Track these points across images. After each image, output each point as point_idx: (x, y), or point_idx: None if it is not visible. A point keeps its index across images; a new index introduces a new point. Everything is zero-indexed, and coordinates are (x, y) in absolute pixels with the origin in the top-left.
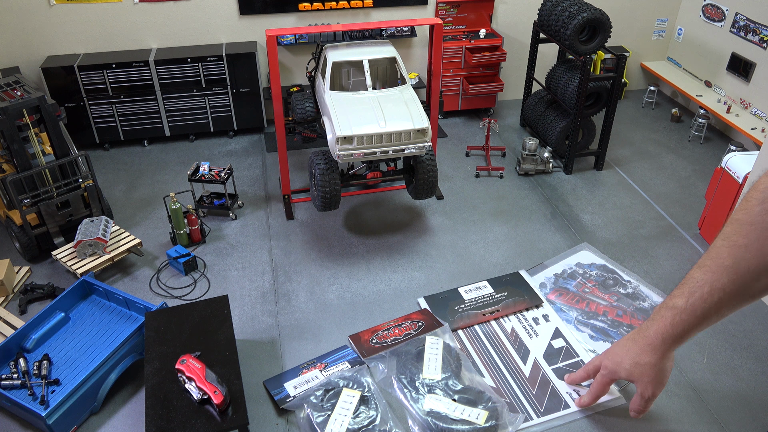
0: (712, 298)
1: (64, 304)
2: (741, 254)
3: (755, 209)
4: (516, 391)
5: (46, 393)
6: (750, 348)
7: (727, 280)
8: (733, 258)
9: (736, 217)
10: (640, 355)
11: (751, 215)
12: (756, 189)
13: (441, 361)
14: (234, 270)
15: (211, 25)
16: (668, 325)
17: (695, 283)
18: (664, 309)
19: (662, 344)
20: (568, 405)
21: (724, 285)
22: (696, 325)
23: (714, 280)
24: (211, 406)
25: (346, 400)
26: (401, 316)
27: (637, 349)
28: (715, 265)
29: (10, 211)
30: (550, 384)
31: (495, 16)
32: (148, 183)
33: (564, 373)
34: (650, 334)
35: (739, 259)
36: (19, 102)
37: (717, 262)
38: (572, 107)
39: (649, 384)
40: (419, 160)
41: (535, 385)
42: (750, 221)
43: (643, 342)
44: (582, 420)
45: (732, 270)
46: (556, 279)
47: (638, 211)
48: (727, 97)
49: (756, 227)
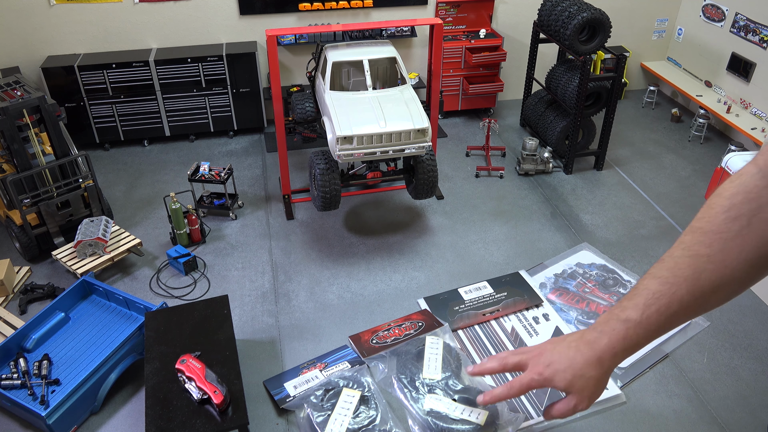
0: (669, 311)
1: (64, 304)
2: (703, 265)
3: (720, 217)
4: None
5: (46, 393)
6: (750, 348)
7: (686, 292)
8: (693, 269)
9: (698, 225)
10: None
11: (715, 224)
12: (720, 196)
13: (441, 361)
14: (234, 270)
15: (211, 25)
16: (621, 340)
17: (651, 295)
18: (614, 321)
19: (612, 359)
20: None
21: (682, 297)
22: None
23: (672, 293)
24: (211, 406)
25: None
26: (401, 317)
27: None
28: (673, 276)
29: (10, 211)
30: None
31: (495, 16)
32: (148, 183)
33: None
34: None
35: (701, 270)
36: (19, 102)
37: (676, 273)
38: (572, 107)
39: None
40: (419, 160)
41: None
42: (714, 230)
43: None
44: (582, 420)
45: (692, 281)
46: (556, 279)
47: (638, 211)
48: (727, 97)
49: (721, 236)
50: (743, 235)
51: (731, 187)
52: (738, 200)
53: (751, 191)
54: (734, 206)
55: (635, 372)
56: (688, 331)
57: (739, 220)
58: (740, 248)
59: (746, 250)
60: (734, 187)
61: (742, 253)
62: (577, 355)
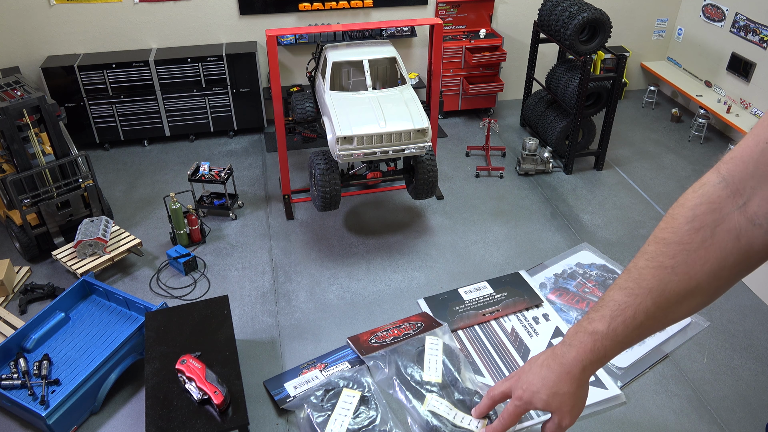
0: (635, 322)
1: (64, 304)
2: (667, 276)
3: (683, 228)
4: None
5: (46, 393)
6: (750, 348)
7: (651, 303)
8: (658, 280)
9: (661, 236)
10: (557, 385)
11: (678, 234)
12: (683, 206)
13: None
14: (234, 270)
15: (211, 25)
16: (588, 352)
17: (617, 306)
18: (582, 334)
19: (581, 372)
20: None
21: (648, 308)
22: (616, 351)
23: (638, 303)
24: (211, 406)
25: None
26: (399, 319)
27: (554, 378)
28: (638, 287)
29: (10, 211)
30: None
31: (495, 16)
32: (148, 183)
33: None
34: (569, 362)
35: (666, 281)
36: (19, 102)
37: (640, 284)
38: (572, 107)
39: (568, 414)
40: (419, 160)
41: None
42: (678, 241)
43: (560, 370)
44: (582, 420)
45: (657, 292)
46: (556, 279)
47: (638, 211)
48: (727, 97)
49: (684, 248)
50: (706, 246)
51: (694, 197)
52: (701, 211)
53: (714, 201)
54: (697, 217)
55: (635, 372)
56: (688, 331)
57: (702, 231)
58: (704, 260)
59: (710, 262)
60: (697, 197)
61: (706, 264)
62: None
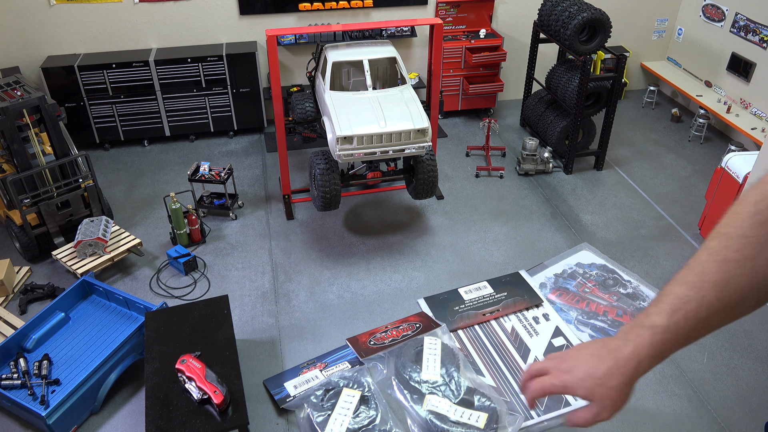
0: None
1: (64, 304)
2: (732, 270)
3: (746, 222)
4: (516, 391)
5: (46, 393)
6: (750, 348)
7: (715, 297)
8: (722, 274)
9: (724, 231)
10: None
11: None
12: (745, 202)
13: (440, 362)
14: (234, 270)
15: (211, 25)
16: (646, 346)
17: (678, 300)
18: (639, 328)
19: (636, 368)
20: (568, 403)
21: (711, 302)
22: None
23: (701, 297)
24: (211, 406)
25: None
26: (398, 320)
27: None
28: (701, 281)
29: (10, 211)
30: None
31: (495, 16)
32: (148, 183)
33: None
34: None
35: (730, 275)
36: (19, 102)
37: (704, 278)
38: (572, 107)
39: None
40: (419, 160)
41: None
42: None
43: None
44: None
45: (721, 287)
46: (556, 279)
47: (638, 211)
48: (727, 97)
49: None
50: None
51: (755, 193)
52: (764, 206)
53: None
54: (760, 212)
55: None
56: None
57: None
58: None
59: None
60: (758, 193)
61: None
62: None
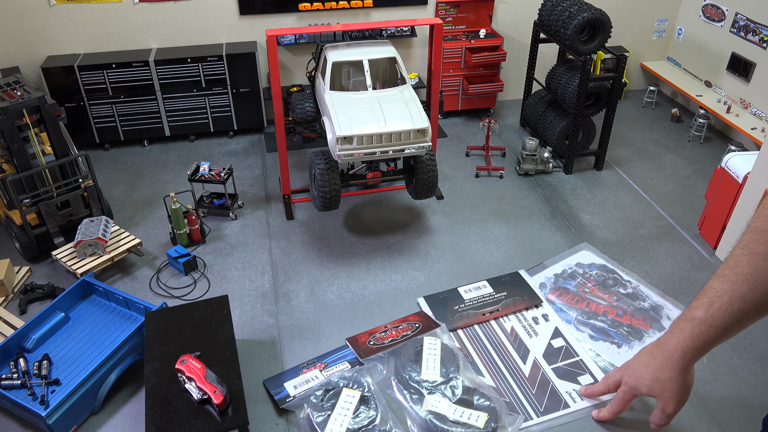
0: (732, 308)
1: (64, 304)
2: (760, 262)
3: None
4: (516, 391)
5: (46, 393)
6: (750, 348)
7: (747, 289)
8: (752, 266)
9: (755, 225)
10: (660, 371)
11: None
12: None
13: (439, 362)
14: (234, 270)
15: (211, 25)
16: (688, 338)
17: (714, 293)
18: (683, 321)
19: (682, 358)
20: (567, 405)
21: (744, 294)
22: (717, 337)
23: (734, 290)
24: (211, 406)
25: (346, 400)
26: (398, 319)
27: (656, 364)
28: (734, 274)
29: (10, 211)
30: (550, 383)
31: (495, 16)
32: (148, 183)
33: (563, 373)
34: (669, 348)
35: (759, 267)
36: (19, 102)
37: (736, 271)
38: (572, 107)
39: (671, 399)
40: (419, 160)
41: (534, 385)
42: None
43: (662, 356)
44: (582, 420)
45: (751, 278)
46: (556, 279)
47: (638, 211)
48: (727, 97)
49: None
50: None
51: None
52: None
53: None
54: None
55: None
56: None
57: None
58: None
59: None
60: None
61: None
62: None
